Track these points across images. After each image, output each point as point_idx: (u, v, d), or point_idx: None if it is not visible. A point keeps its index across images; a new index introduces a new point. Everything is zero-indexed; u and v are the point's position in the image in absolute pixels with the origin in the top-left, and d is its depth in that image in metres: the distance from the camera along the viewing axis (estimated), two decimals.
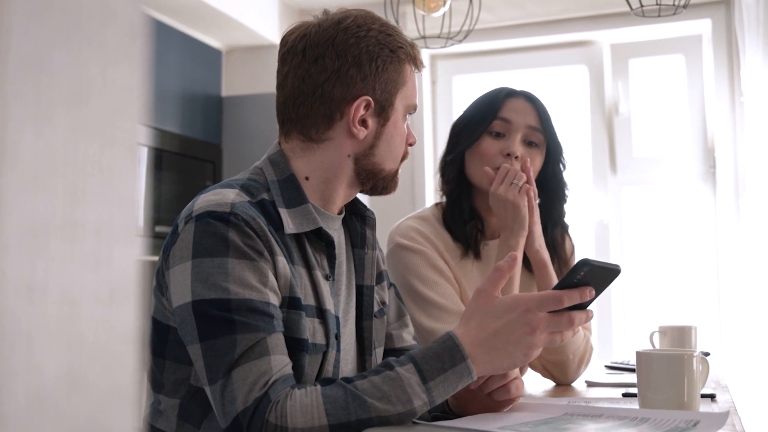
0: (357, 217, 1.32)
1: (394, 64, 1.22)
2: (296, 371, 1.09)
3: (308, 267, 1.17)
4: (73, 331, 0.47)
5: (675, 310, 3.54)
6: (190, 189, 3.34)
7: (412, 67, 1.26)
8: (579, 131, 3.75)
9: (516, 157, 1.66)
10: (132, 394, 0.51)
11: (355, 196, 1.30)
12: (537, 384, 1.71)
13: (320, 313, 1.16)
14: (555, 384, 1.70)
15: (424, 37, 2.64)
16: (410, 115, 1.29)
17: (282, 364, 1.04)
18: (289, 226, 1.15)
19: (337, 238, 1.25)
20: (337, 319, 1.20)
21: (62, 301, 0.47)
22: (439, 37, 2.65)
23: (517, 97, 1.71)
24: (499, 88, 1.74)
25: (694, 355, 1.15)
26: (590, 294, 1.07)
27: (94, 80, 0.49)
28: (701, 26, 3.59)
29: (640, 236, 3.69)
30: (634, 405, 1.20)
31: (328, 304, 1.18)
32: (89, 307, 0.48)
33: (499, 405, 1.18)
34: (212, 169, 3.55)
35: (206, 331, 1.04)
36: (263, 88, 3.63)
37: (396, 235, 1.69)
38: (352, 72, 1.18)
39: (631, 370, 1.77)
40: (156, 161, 3.19)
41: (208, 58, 3.63)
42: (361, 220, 1.32)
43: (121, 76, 0.51)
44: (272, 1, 3.79)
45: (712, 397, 1.36)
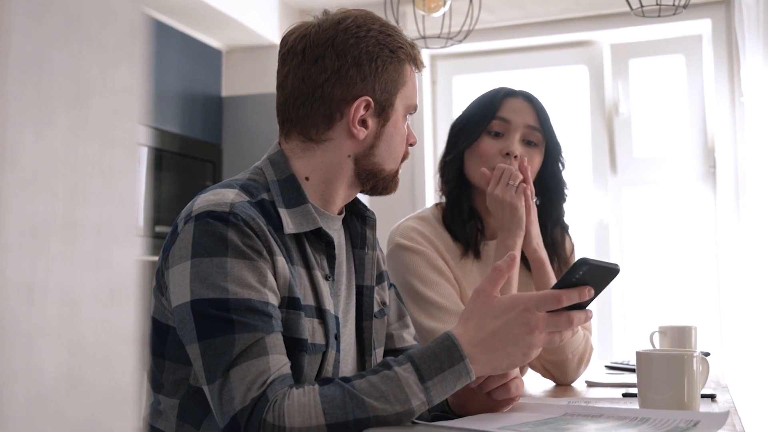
0: (357, 218, 1.32)
1: (394, 65, 1.22)
2: (295, 371, 1.09)
3: (308, 267, 1.17)
4: (73, 332, 0.47)
5: (675, 310, 3.54)
6: (190, 189, 3.34)
7: (412, 67, 1.26)
8: (579, 131, 3.75)
9: (515, 156, 1.66)
10: (132, 394, 0.51)
11: (356, 197, 1.30)
12: (537, 384, 1.71)
13: (320, 314, 1.16)
14: (555, 384, 1.70)
15: (424, 37, 2.64)
16: (410, 116, 1.29)
17: (280, 363, 1.04)
18: (289, 226, 1.15)
19: (337, 239, 1.25)
20: (337, 319, 1.20)
21: (62, 302, 0.47)
22: (439, 37, 2.65)
23: (515, 97, 1.72)
24: (498, 88, 1.74)
25: (694, 355, 1.15)
26: (589, 293, 1.07)
27: (94, 80, 0.49)
28: (701, 26, 3.59)
29: (640, 236, 3.69)
30: (634, 405, 1.20)
31: (328, 304, 1.17)
32: (89, 308, 0.48)
33: (499, 404, 1.18)
34: (212, 169, 3.55)
35: (205, 330, 1.04)
36: (263, 88, 3.63)
37: (396, 236, 1.69)
38: (352, 72, 1.18)
39: (631, 370, 1.77)
40: (156, 161, 3.19)
41: (208, 58, 3.63)
42: (362, 221, 1.32)
43: (121, 76, 0.51)
44: (272, 1, 3.79)
45: (712, 397, 1.35)
